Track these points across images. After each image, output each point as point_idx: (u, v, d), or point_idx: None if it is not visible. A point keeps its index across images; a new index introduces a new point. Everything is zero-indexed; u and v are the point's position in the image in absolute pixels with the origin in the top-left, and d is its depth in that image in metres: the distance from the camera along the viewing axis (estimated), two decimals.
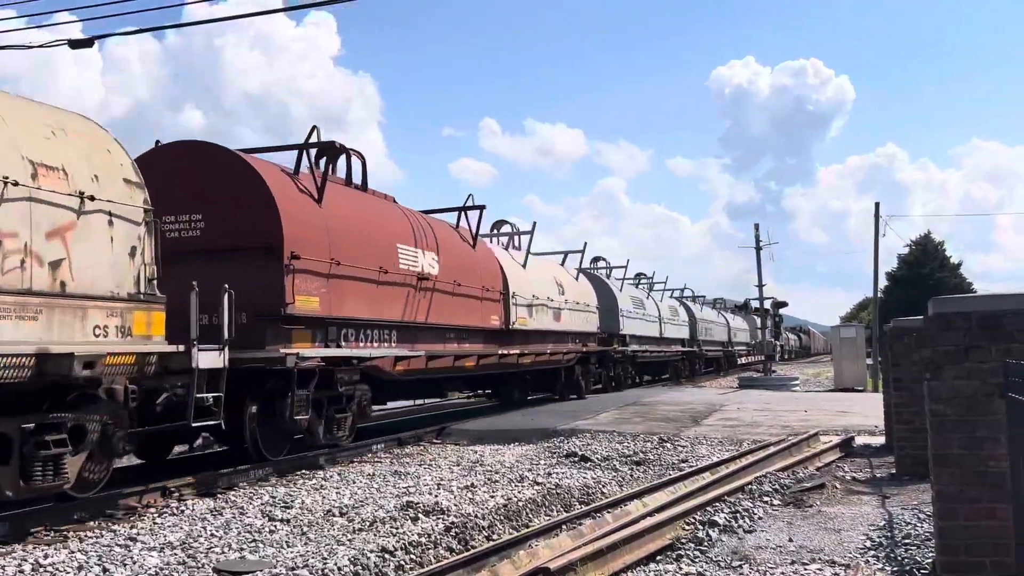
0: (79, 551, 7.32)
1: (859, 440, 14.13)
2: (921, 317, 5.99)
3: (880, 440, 13.85)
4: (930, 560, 6.15)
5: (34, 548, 7.45)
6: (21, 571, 6.69)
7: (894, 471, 10.81)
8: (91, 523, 8.57)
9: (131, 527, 8.34)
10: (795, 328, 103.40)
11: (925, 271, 70.98)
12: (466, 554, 6.77)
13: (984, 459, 5.13)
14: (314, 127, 13.77)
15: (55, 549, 7.38)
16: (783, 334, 77.72)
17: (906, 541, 7.13)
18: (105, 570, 6.81)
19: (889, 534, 7.52)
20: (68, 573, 6.70)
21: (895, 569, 6.29)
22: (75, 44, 16.57)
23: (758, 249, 42.01)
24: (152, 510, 9.20)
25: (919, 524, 7.63)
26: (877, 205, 40.85)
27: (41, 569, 6.76)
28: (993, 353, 5.12)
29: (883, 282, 73.79)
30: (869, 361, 36.78)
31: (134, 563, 6.99)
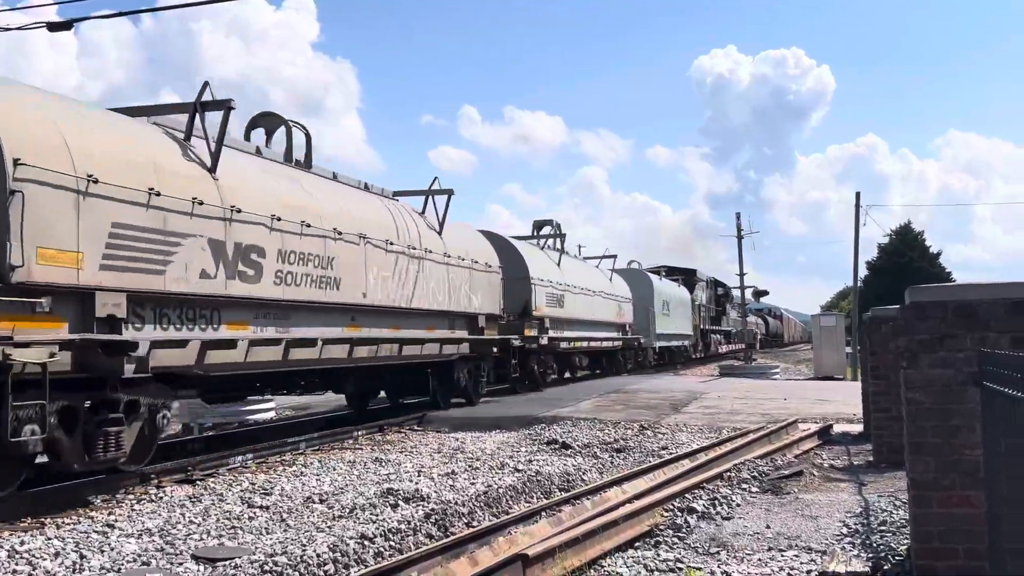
0: (56, 537, 7.29)
1: (837, 428, 14.24)
2: (898, 306, 6.03)
3: (858, 428, 13.96)
4: (905, 547, 6.20)
5: (10, 535, 7.40)
6: None
7: (871, 459, 10.89)
8: (69, 510, 8.54)
9: (109, 514, 8.31)
10: (762, 311, 79.68)
11: (905, 260, 71.32)
12: (445, 540, 6.78)
13: (958, 447, 5.16)
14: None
15: (31, 536, 7.34)
16: (729, 314, 58.39)
17: (882, 528, 7.19)
18: (82, 556, 6.78)
19: (865, 521, 7.58)
20: (45, 559, 6.66)
21: (870, 556, 6.34)
22: (54, 27, 16.46)
23: (739, 238, 42.11)
24: (131, 497, 9.17)
25: (895, 511, 7.70)
26: (858, 195, 41.06)
27: (17, 556, 6.73)
28: (968, 342, 5.14)
29: (863, 271, 74.28)
30: (849, 350, 37.05)
31: (112, 549, 6.97)
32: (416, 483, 9.66)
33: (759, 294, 66.18)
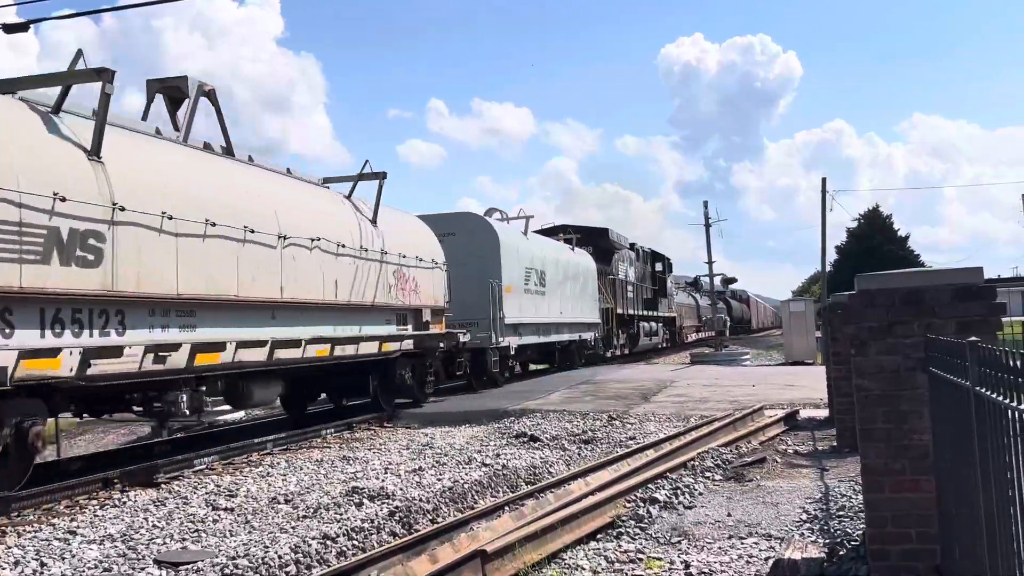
0: (16, 546, 7.24)
1: (804, 413, 14.37)
2: (848, 293, 6.09)
3: (824, 413, 14.09)
4: (861, 531, 6.28)
5: None
6: None
7: (835, 444, 11.01)
8: (30, 517, 8.47)
9: (71, 520, 8.26)
10: (723, 293, 66.40)
11: (873, 244, 72.09)
12: (407, 538, 6.80)
13: (907, 432, 5.23)
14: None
15: None
16: (672, 296, 46.32)
17: (840, 513, 7.28)
18: (43, 564, 6.74)
19: (825, 507, 7.67)
20: (4, 568, 6.62)
21: (827, 541, 6.42)
22: (10, 28, 16.27)
23: (707, 226, 42.33)
24: (94, 502, 9.11)
25: (854, 496, 7.80)
26: (824, 180, 41.46)
27: None
28: (915, 329, 5.22)
29: (833, 256, 74.97)
30: (819, 335, 37.36)
31: (73, 556, 6.93)
32: (382, 481, 9.67)
33: (727, 281, 66.00)
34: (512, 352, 22.00)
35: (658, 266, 42.86)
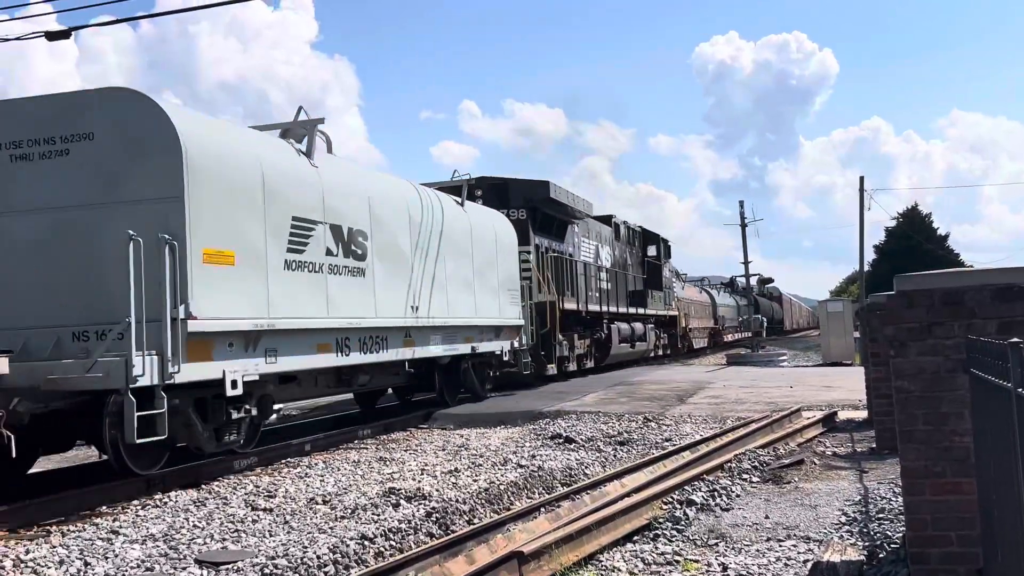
0: (61, 545, 7.36)
1: (842, 415, 14.26)
2: (887, 294, 6.04)
3: (863, 415, 13.96)
4: (901, 534, 6.23)
5: (16, 544, 7.48)
6: (2, 567, 6.73)
7: (874, 446, 10.91)
8: (73, 517, 8.61)
9: (114, 520, 8.37)
10: (744, 289, 57.47)
11: (912, 243, 71.24)
12: (444, 539, 6.83)
13: (948, 434, 5.18)
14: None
15: (36, 544, 7.41)
16: (670, 288, 36.48)
17: (880, 516, 7.22)
18: (87, 564, 6.84)
19: (864, 509, 7.61)
20: (49, 568, 6.73)
21: (867, 544, 6.37)
22: (52, 35, 16.55)
23: (743, 226, 42.08)
24: (135, 503, 9.24)
25: (894, 499, 7.73)
26: (862, 179, 41.08)
27: (23, 564, 6.80)
28: (955, 329, 5.17)
29: (872, 255, 74.25)
30: (857, 335, 36.99)
31: (116, 556, 7.03)
32: (419, 481, 9.72)
33: (764, 281, 65.12)
34: (234, 390, 10.17)
35: (650, 250, 33.46)
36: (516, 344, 19.03)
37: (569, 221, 24.45)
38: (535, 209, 22.05)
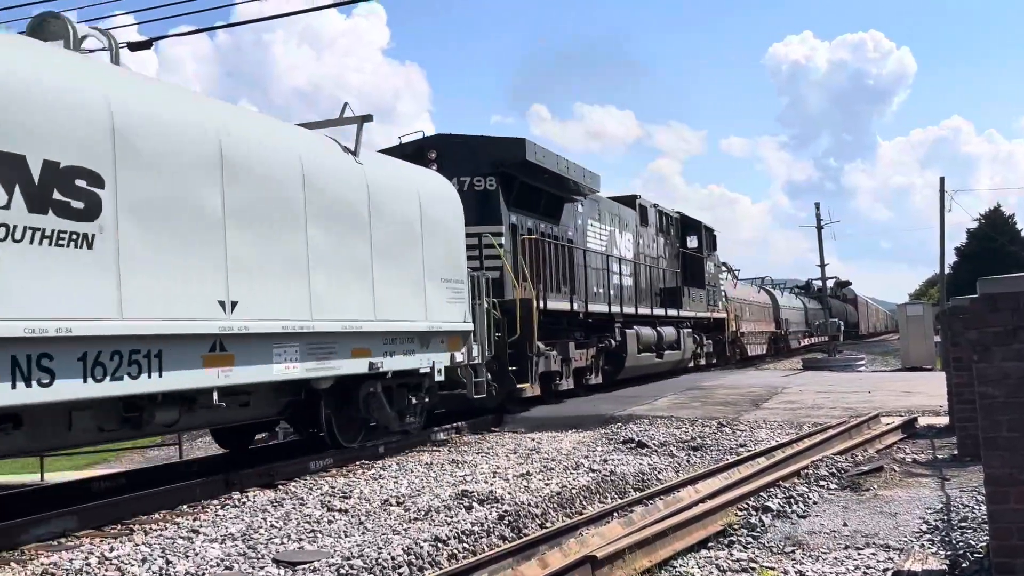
0: (143, 544, 7.55)
1: (923, 421, 13.93)
2: (971, 297, 5.89)
3: (944, 421, 13.62)
4: (984, 544, 6.06)
5: (101, 541, 7.70)
6: (88, 564, 6.92)
7: (956, 452, 10.64)
8: (155, 515, 8.83)
9: (194, 519, 8.56)
10: (818, 291, 54.07)
11: (995, 245, 69.30)
12: (517, 542, 6.84)
13: None
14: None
15: (120, 542, 7.62)
16: (716, 286, 31.61)
17: (962, 525, 7.04)
18: (168, 562, 7.01)
19: (946, 517, 7.43)
20: (133, 566, 6.91)
21: (949, 553, 6.22)
22: (134, 46, 17.06)
23: (819, 228, 41.35)
24: (215, 502, 9.44)
25: (977, 507, 7.52)
26: (942, 180, 40.12)
27: (107, 562, 6.99)
28: None
29: (952, 257, 72.42)
30: (938, 339, 36.12)
31: (196, 555, 7.19)
32: (491, 484, 9.75)
33: (841, 285, 63.83)
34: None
35: (691, 240, 28.12)
36: (460, 358, 13.78)
37: (567, 197, 19.29)
38: (510, 177, 16.97)
